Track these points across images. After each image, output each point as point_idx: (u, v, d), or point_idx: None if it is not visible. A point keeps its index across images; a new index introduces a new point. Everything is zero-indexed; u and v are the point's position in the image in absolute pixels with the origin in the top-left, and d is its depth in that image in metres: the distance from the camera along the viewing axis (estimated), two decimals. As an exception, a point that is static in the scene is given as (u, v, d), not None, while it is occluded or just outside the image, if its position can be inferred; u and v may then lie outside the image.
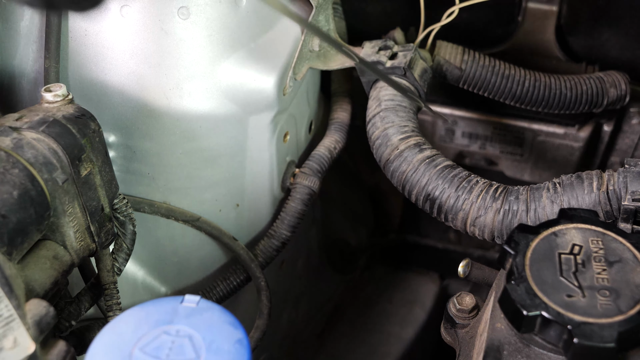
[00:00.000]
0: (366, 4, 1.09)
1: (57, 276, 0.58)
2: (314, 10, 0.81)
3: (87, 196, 0.62)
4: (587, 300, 0.50)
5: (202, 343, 0.49)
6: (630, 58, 1.01)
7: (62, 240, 0.60)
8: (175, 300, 0.53)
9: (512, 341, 0.53)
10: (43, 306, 0.51)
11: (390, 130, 0.80)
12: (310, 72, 0.89)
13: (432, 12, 0.94)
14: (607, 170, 0.69)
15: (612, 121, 1.05)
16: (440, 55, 0.93)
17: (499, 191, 0.73)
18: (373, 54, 0.88)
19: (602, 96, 0.94)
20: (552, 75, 0.95)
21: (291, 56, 0.82)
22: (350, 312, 1.32)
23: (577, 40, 1.03)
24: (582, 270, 0.52)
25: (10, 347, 0.48)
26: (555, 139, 1.08)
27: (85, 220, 0.62)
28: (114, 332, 0.50)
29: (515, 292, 0.51)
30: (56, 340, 0.53)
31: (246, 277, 0.88)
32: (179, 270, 0.88)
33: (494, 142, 1.13)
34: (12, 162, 0.55)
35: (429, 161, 0.76)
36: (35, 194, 0.55)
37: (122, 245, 0.71)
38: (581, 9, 1.00)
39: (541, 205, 0.69)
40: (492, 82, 0.93)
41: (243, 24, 0.77)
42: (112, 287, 0.69)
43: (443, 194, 0.74)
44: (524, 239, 0.55)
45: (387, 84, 0.82)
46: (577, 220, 0.56)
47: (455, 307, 0.66)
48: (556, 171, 1.11)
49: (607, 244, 0.54)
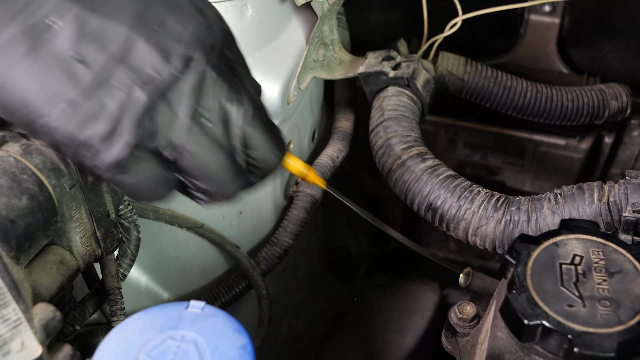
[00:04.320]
0: (369, 15, 1.10)
1: (63, 281, 0.59)
2: (318, 20, 0.82)
3: (93, 202, 0.62)
4: (587, 310, 0.50)
5: (207, 348, 0.50)
6: (631, 70, 1.02)
7: (68, 246, 0.61)
8: (181, 305, 0.54)
9: (512, 350, 0.53)
10: (50, 310, 0.52)
11: (393, 140, 0.81)
12: (314, 82, 0.89)
13: (435, 23, 0.94)
14: (608, 182, 0.70)
15: (613, 133, 1.06)
16: (442, 66, 0.94)
17: (501, 201, 0.73)
18: (376, 64, 0.89)
19: (603, 108, 0.95)
20: (554, 86, 0.95)
21: (295, 65, 0.82)
22: (350, 320, 1.32)
23: (579, 52, 1.04)
24: (582, 280, 0.53)
25: (17, 350, 0.48)
26: (557, 150, 1.09)
27: (92, 226, 0.63)
28: (120, 337, 0.51)
29: (517, 302, 0.51)
30: (62, 344, 0.54)
31: (248, 285, 0.89)
32: (182, 277, 0.88)
33: (496, 153, 1.14)
34: (20, 167, 0.55)
35: (431, 171, 0.77)
36: (43, 200, 0.56)
37: (126, 251, 0.72)
38: (583, 21, 1.01)
39: (542, 216, 0.70)
40: (494, 93, 0.94)
41: (248, 33, 0.78)
42: (117, 293, 0.69)
43: (445, 204, 0.75)
44: (525, 249, 0.55)
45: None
46: (578, 231, 0.57)
47: (456, 316, 0.66)
48: (557, 182, 1.11)
49: (607, 255, 0.55)
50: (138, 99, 0.50)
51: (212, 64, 0.53)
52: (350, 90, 1.05)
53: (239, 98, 0.55)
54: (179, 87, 0.51)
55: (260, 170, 0.59)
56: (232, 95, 0.55)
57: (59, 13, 0.48)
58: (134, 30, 0.50)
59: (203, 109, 0.53)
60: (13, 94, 0.49)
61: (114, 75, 0.49)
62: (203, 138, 0.54)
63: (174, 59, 0.51)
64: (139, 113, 0.50)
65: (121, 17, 0.50)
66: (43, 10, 0.48)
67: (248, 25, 0.77)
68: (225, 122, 0.55)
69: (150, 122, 0.51)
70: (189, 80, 0.52)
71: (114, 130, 0.50)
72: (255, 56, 0.79)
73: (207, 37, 0.53)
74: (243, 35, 0.77)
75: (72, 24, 0.49)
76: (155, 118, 0.51)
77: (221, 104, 0.54)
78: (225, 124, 0.55)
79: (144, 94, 0.50)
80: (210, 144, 0.54)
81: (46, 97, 0.49)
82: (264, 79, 0.78)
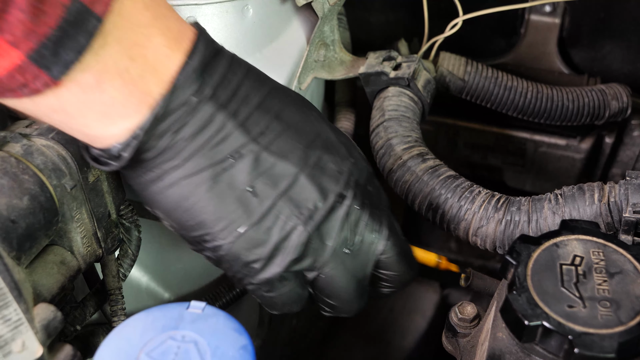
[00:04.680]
0: (370, 15, 1.10)
1: (64, 281, 0.59)
2: (319, 21, 0.82)
3: (94, 202, 0.62)
4: (587, 311, 0.51)
5: (208, 348, 0.50)
6: (631, 70, 1.02)
7: (69, 246, 0.61)
8: (181, 306, 0.54)
9: (513, 350, 0.53)
10: (51, 310, 0.52)
11: (393, 140, 0.81)
12: (314, 82, 0.89)
13: (436, 23, 0.94)
14: (609, 182, 0.70)
15: (613, 133, 1.06)
16: (443, 66, 0.94)
17: (501, 202, 0.73)
18: (377, 64, 0.89)
19: (604, 108, 0.95)
20: (554, 87, 0.95)
21: (296, 66, 0.82)
22: (351, 321, 1.32)
23: (579, 53, 1.04)
24: (583, 281, 0.53)
25: (18, 351, 0.49)
26: (557, 150, 1.09)
27: (93, 226, 0.63)
28: (121, 337, 0.51)
29: (517, 302, 0.52)
30: (63, 344, 0.54)
31: (249, 285, 0.89)
32: (182, 277, 0.89)
33: (496, 153, 1.14)
34: (22, 168, 0.55)
35: (432, 171, 0.77)
36: (44, 200, 0.56)
37: (127, 251, 0.72)
38: (583, 21, 1.01)
39: (543, 216, 0.70)
40: (495, 94, 0.94)
41: (249, 34, 0.78)
42: (118, 293, 0.70)
43: (446, 204, 0.75)
44: (525, 249, 0.55)
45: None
46: (579, 232, 0.57)
47: (456, 316, 0.66)
48: (558, 182, 1.11)
49: (608, 256, 0.55)
50: (298, 230, 0.58)
51: (358, 199, 0.61)
52: (350, 90, 1.05)
53: (379, 228, 0.63)
54: (331, 221, 0.59)
55: (392, 287, 0.66)
56: (372, 226, 0.62)
57: (239, 152, 0.56)
58: (301, 170, 0.58)
59: (347, 239, 0.61)
60: (195, 217, 0.57)
61: (280, 208, 0.57)
62: (342, 264, 0.61)
63: (330, 197, 0.59)
64: (298, 244, 0.58)
65: (291, 158, 0.58)
66: (226, 147, 0.56)
67: (249, 26, 0.77)
68: (364, 250, 0.62)
69: (304, 250, 0.58)
70: (339, 215, 0.60)
71: (273, 255, 0.58)
72: (256, 56, 0.79)
73: (356, 176, 0.62)
74: (244, 36, 0.77)
75: (249, 161, 0.56)
76: (308, 247, 0.59)
77: (362, 234, 0.61)
78: (363, 252, 0.62)
79: (303, 227, 0.58)
80: (346, 268, 0.61)
81: (223, 225, 0.56)
82: (264, 79, 0.78)
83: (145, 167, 0.56)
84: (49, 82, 0.48)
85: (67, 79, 0.49)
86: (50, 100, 0.50)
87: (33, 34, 0.45)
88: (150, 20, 0.52)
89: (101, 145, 0.55)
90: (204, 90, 0.54)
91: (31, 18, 0.45)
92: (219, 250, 0.57)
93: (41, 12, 0.45)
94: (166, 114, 0.53)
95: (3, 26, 0.44)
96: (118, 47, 0.50)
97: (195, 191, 0.56)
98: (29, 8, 0.44)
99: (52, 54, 0.46)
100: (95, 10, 0.47)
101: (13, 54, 0.45)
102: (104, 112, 0.52)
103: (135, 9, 0.51)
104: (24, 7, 0.44)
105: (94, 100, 0.51)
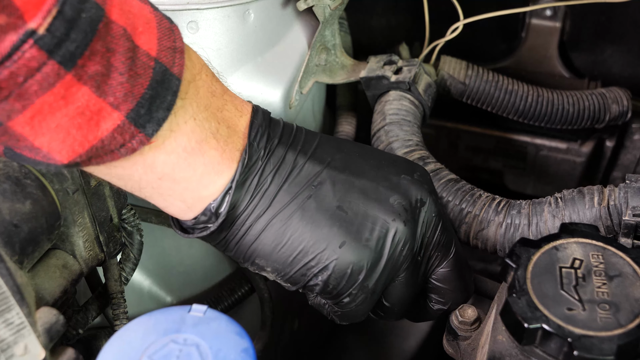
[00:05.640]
0: (371, 19, 1.11)
1: (67, 285, 0.59)
2: (320, 25, 0.83)
3: (96, 206, 0.63)
4: (587, 314, 0.51)
5: (209, 352, 0.50)
6: (632, 74, 1.02)
7: (71, 250, 0.61)
8: (183, 309, 0.54)
9: (513, 353, 0.53)
10: (53, 314, 0.52)
11: (394, 144, 0.81)
12: (316, 86, 0.90)
13: (437, 27, 0.95)
14: (609, 186, 0.70)
15: (614, 137, 1.06)
16: (444, 70, 0.94)
17: (502, 205, 0.73)
18: (378, 68, 0.89)
19: (604, 112, 0.95)
20: (555, 90, 0.96)
21: (298, 70, 0.83)
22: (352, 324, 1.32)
23: (580, 57, 1.05)
24: (582, 284, 0.53)
25: (21, 354, 0.49)
26: (558, 153, 1.09)
27: (95, 230, 0.63)
28: (123, 340, 0.51)
29: (517, 305, 0.52)
30: (65, 348, 0.54)
31: (250, 288, 0.89)
32: (184, 280, 0.89)
33: (497, 156, 1.14)
34: (24, 172, 0.56)
35: (433, 174, 0.77)
36: (46, 204, 0.56)
37: (129, 255, 0.72)
38: (584, 25, 1.01)
39: (543, 220, 0.70)
40: (496, 97, 0.94)
41: (250, 38, 0.78)
42: (120, 297, 0.70)
43: (446, 207, 0.75)
44: (525, 252, 0.56)
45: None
46: (578, 235, 0.57)
47: (457, 319, 0.66)
48: (558, 185, 1.12)
49: (607, 259, 0.55)
50: (392, 231, 0.61)
51: (435, 206, 0.64)
52: (352, 94, 1.06)
53: (448, 239, 0.66)
54: (416, 223, 0.63)
55: (442, 304, 0.69)
56: (444, 235, 0.65)
57: (317, 179, 0.61)
58: (379, 184, 0.62)
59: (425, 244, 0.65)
60: (295, 248, 0.60)
61: (374, 218, 0.61)
62: (417, 268, 0.65)
63: (413, 201, 0.63)
64: (397, 247, 0.62)
65: (366, 175, 0.63)
66: (304, 179, 0.61)
67: (250, 30, 0.77)
68: (431, 257, 0.66)
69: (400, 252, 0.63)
70: (421, 218, 0.63)
71: (375, 263, 0.61)
72: (257, 61, 0.79)
73: (429, 185, 0.66)
74: (245, 40, 0.77)
75: (328, 184, 0.61)
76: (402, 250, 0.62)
77: (438, 241, 0.65)
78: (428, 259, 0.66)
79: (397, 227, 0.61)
80: (416, 273, 0.65)
81: (324, 245, 0.60)
82: (266, 83, 0.79)
83: (239, 221, 0.59)
84: (144, 140, 0.51)
85: (160, 136, 0.52)
86: (148, 160, 0.53)
87: (131, 95, 0.48)
88: (222, 90, 0.59)
89: (198, 209, 0.58)
90: (273, 140, 0.60)
91: (129, 80, 0.48)
92: (326, 272, 0.60)
93: (136, 75, 0.48)
94: (248, 164, 0.58)
95: (106, 90, 0.47)
96: (206, 113, 0.56)
97: (289, 224, 0.59)
98: (127, 71, 0.48)
99: (146, 112, 0.50)
100: (174, 72, 0.51)
101: (114, 115, 0.48)
102: (203, 172, 0.56)
103: (210, 79, 0.58)
104: (123, 71, 0.47)
105: (194, 161, 0.55)
